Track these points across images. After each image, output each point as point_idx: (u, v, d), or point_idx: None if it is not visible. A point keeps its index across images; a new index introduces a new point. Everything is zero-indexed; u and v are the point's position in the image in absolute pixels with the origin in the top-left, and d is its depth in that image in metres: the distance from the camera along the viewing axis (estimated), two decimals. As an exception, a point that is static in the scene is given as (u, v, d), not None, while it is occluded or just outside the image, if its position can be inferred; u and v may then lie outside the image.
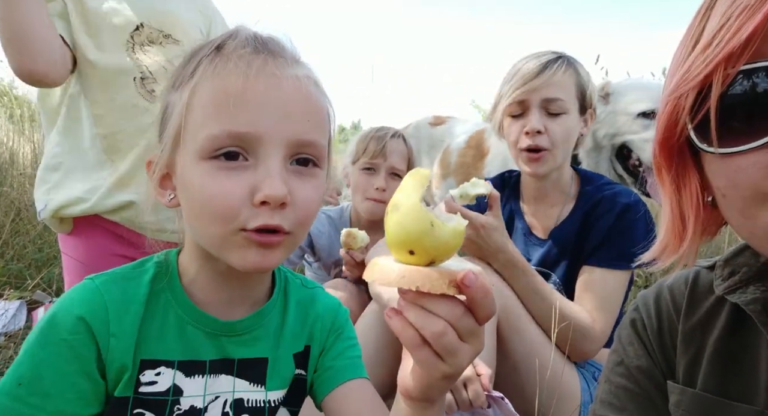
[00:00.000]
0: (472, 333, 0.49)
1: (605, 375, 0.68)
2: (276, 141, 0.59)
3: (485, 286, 0.48)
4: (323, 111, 0.66)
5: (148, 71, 1.33)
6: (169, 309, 0.68)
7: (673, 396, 0.60)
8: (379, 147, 1.70)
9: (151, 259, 0.72)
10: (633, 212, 1.29)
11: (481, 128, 2.78)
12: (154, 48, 1.34)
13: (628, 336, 0.66)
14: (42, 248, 2.52)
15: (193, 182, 0.60)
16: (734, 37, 0.41)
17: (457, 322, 0.48)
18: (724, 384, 0.56)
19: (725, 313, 0.58)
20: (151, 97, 1.33)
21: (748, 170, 0.43)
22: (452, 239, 0.47)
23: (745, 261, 0.58)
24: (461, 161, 2.69)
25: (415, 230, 0.45)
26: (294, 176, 0.62)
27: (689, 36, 0.48)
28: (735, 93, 0.43)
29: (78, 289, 0.65)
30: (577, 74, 1.34)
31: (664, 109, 0.50)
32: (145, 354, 0.65)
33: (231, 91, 0.59)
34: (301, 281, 0.82)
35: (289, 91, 0.61)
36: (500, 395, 1.07)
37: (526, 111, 1.33)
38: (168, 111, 0.65)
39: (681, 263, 0.56)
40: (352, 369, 0.77)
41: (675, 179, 0.54)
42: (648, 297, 0.67)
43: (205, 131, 0.59)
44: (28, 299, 2.09)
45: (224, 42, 0.63)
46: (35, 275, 2.21)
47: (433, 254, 0.47)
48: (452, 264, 0.50)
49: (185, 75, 0.63)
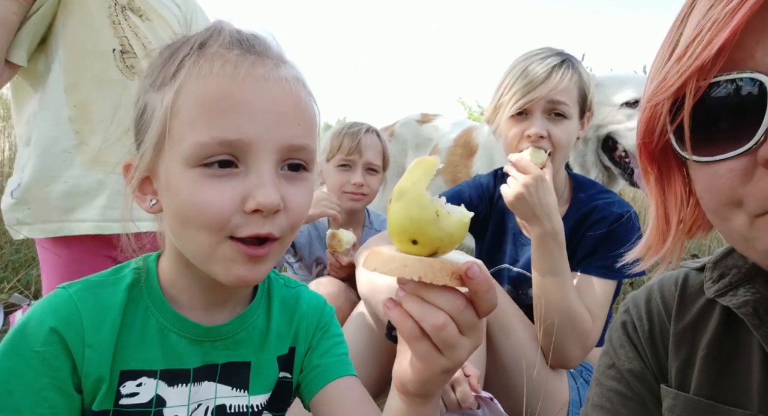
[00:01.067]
0: (473, 326, 0.49)
1: (596, 377, 0.68)
2: (267, 147, 0.58)
3: (489, 279, 0.47)
4: (312, 114, 0.64)
5: (128, 44, 1.27)
6: (150, 317, 0.66)
7: (667, 400, 0.59)
8: (354, 143, 1.70)
9: (129, 265, 0.70)
10: (626, 223, 1.29)
11: (468, 127, 2.78)
12: (135, 18, 1.29)
13: (619, 339, 0.66)
14: (20, 249, 2.45)
15: (181, 189, 0.58)
16: (705, 50, 0.42)
17: (458, 315, 0.47)
18: (718, 387, 0.56)
19: (716, 315, 0.58)
20: (130, 73, 1.28)
21: (723, 177, 0.45)
22: (457, 230, 0.46)
23: (734, 263, 0.58)
24: (449, 160, 2.69)
25: (419, 218, 0.44)
26: (285, 181, 0.60)
27: (667, 43, 0.48)
28: (708, 104, 0.44)
29: (50, 298, 0.63)
30: (580, 78, 1.32)
31: (643, 114, 0.51)
32: (124, 365, 0.63)
33: (219, 96, 0.56)
34: (284, 281, 0.81)
35: (278, 96, 0.59)
36: (489, 395, 1.07)
37: (528, 114, 1.31)
38: (147, 112, 0.62)
39: (665, 261, 0.57)
40: (339, 367, 0.75)
41: (659, 180, 0.55)
42: (638, 299, 0.66)
43: (193, 137, 0.56)
44: (5, 302, 2.03)
45: (206, 40, 0.61)
46: (12, 277, 2.15)
47: (437, 245, 0.46)
48: (453, 257, 0.49)
49: (166, 75, 0.60)
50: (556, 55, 1.32)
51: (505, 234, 1.48)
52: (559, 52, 1.34)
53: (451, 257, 0.48)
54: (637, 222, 1.31)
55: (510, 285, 1.45)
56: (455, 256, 0.50)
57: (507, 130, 1.36)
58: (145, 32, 1.30)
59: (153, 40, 1.32)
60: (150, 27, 1.32)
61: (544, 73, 1.28)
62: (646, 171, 0.56)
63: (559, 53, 1.34)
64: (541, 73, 1.28)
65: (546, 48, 1.36)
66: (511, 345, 1.26)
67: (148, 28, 1.32)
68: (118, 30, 1.27)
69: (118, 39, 1.27)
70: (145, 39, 1.30)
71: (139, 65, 1.28)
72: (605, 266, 1.28)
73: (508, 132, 1.35)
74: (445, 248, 0.47)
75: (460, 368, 1.05)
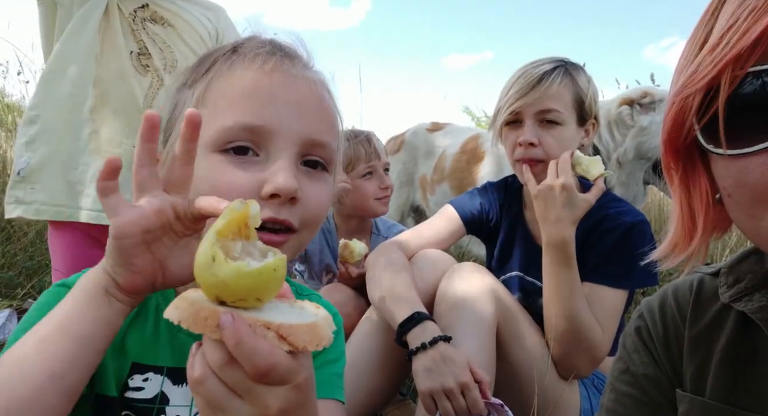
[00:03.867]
0: (246, 389, 0.40)
1: (610, 383, 0.67)
2: (289, 138, 0.59)
3: (240, 333, 0.38)
4: (334, 116, 0.66)
5: (144, 47, 1.37)
6: (161, 314, 0.66)
7: (682, 405, 0.59)
8: (371, 150, 1.73)
9: None
10: (638, 232, 1.27)
11: (475, 134, 2.79)
12: (154, 26, 1.39)
13: (633, 344, 0.66)
14: (33, 255, 2.48)
15: (201, 173, 0.58)
16: (742, 38, 0.41)
17: (219, 371, 0.40)
18: (734, 392, 0.55)
19: (731, 320, 0.58)
20: (144, 71, 1.37)
21: (755, 171, 0.43)
22: (232, 279, 0.39)
23: (749, 268, 0.57)
24: (455, 166, 2.70)
25: (198, 261, 0.40)
26: (304, 175, 0.61)
27: (697, 35, 0.47)
28: (743, 95, 0.43)
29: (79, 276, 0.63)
30: (574, 84, 1.31)
31: (671, 109, 0.50)
32: (138, 358, 0.64)
33: (246, 84, 0.59)
34: (296, 288, 0.80)
35: (303, 90, 0.61)
36: (500, 402, 1.06)
37: (521, 122, 1.32)
38: (178, 108, 0.65)
39: (691, 261, 0.56)
40: (327, 388, 0.72)
41: (684, 179, 0.54)
42: (652, 304, 0.66)
43: (218, 122, 0.58)
44: (20, 307, 2.05)
45: (240, 44, 0.64)
46: (26, 283, 2.17)
47: (215, 292, 0.40)
48: (285, 310, 0.43)
49: (199, 73, 0.64)
50: (551, 62, 1.32)
51: (516, 241, 1.47)
52: (556, 60, 1.34)
53: (283, 310, 0.42)
54: (649, 231, 1.30)
55: (521, 293, 1.44)
56: (291, 310, 0.43)
57: (504, 138, 1.37)
58: (163, 38, 1.40)
59: (173, 43, 1.41)
60: (170, 33, 1.42)
61: (534, 80, 1.28)
62: (670, 168, 0.54)
63: (556, 60, 1.33)
64: (531, 81, 1.29)
65: (547, 57, 1.36)
66: (522, 352, 1.25)
67: (169, 33, 1.42)
68: (137, 35, 1.37)
69: (137, 43, 1.37)
70: (163, 43, 1.40)
71: (153, 63, 1.37)
72: (616, 276, 1.26)
73: (506, 140, 1.36)
74: (229, 298, 0.40)
75: (470, 373, 1.05)
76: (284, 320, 0.41)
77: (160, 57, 1.39)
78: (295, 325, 0.40)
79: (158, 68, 1.38)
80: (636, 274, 1.26)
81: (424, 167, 2.94)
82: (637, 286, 1.29)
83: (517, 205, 1.50)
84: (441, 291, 1.26)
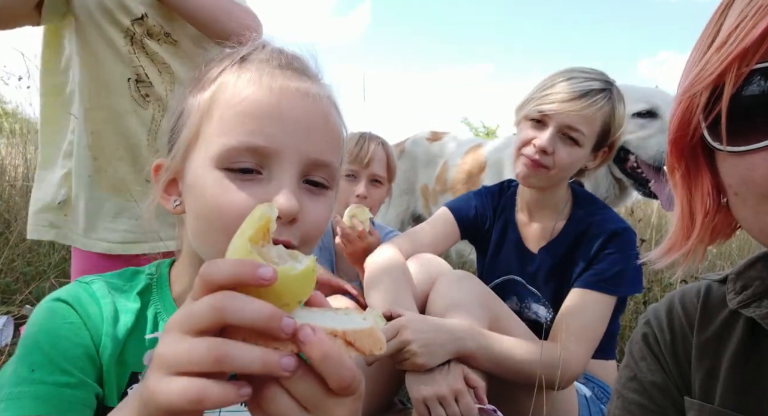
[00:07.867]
0: (319, 403, 0.38)
1: (617, 390, 0.66)
2: (292, 158, 0.59)
3: (325, 346, 0.36)
4: (339, 134, 0.66)
5: (144, 74, 1.29)
6: (160, 322, 0.67)
7: (691, 412, 0.58)
8: (357, 152, 1.67)
9: (143, 271, 0.72)
10: (619, 238, 1.29)
11: (476, 144, 2.80)
12: (152, 43, 1.30)
13: (641, 351, 0.65)
14: (31, 262, 2.47)
15: (205, 188, 0.59)
16: (748, 35, 0.41)
17: (292, 385, 0.38)
18: (743, 399, 0.55)
19: (740, 327, 0.57)
20: (144, 102, 1.31)
21: (762, 167, 0.43)
22: (281, 284, 0.38)
23: (757, 274, 0.57)
24: (458, 177, 2.70)
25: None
26: (305, 193, 0.61)
27: (706, 35, 0.48)
28: (748, 92, 0.43)
29: (72, 287, 0.65)
30: (611, 114, 1.29)
31: (678, 107, 0.50)
32: (135, 367, 0.64)
33: (252, 102, 0.58)
34: None
35: (309, 110, 0.61)
36: (493, 407, 1.05)
37: (544, 124, 1.30)
38: (184, 116, 0.65)
39: (686, 261, 0.56)
40: None
41: (687, 179, 0.54)
42: (659, 311, 0.66)
43: (222, 139, 0.58)
44: (16, 314, 2.04)
45: (250, 53, 0.64)
46: (24, 289, 2.15)
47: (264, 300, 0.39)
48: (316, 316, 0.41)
49: (206, 81, 0.63)
50: (601, 80, 1.29)
51: (506, 245, 1.47)
52: (606, 80, 1.30)
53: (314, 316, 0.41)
54: (632, 239, 1.31)
55: (516, 297, 1.44)
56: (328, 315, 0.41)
57: (521, 129, 1.36)
58: (163, 57, 1.31)
59: (173, 62, 1.33)
60: (172, 51, 1.33)
61: (578, 93, 1.25)
62: (673, 167, 0.54)
63: (606, 81, 1.30)
64: (574, 91, 1.25)
65: (599, 72, 1.32)
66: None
67: (170, 52, 1.32)
68: (134, 60, 1.27)
69: (133, 69, 1.28)
70: (162, 64, 1.31)
71: (154, 93, 1.31)
72: (599, 280, 1.27)
73: (520, 131, 1.35)
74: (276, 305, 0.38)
75: (464, 380, 1.04)
76: (342, 326, 0.40)
77: (160, 81, 1.31)
78: (359, 330, 0.40)
79: (160, 97, 1.31)
80: (618, 279, 1.26)
81: (424, 176, 2.94)
82: (622, 292, 1.29)
83: (510, 208, 1.50)
84: (431, 298, 1.25)
